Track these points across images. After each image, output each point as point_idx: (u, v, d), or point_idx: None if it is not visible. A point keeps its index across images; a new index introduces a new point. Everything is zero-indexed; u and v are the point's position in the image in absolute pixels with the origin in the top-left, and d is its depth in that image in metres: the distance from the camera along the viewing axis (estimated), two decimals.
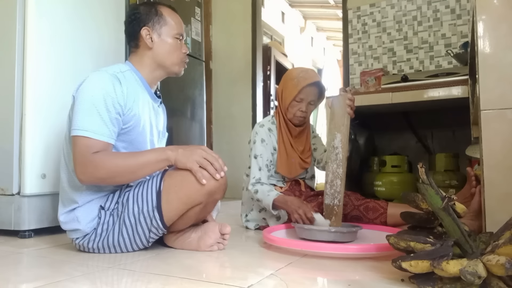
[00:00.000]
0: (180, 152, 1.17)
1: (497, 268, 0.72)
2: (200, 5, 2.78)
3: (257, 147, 1.73)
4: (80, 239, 1.23)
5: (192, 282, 0.92)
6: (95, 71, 1.24)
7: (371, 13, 2.88)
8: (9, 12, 1.59)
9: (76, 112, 1.17)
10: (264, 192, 1.62)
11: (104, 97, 1.17)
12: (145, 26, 1.32)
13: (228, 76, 3.81)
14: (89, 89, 1.18)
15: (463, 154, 1.92)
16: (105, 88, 1.18)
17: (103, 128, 1.16)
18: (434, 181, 0.96)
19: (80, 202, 1.22)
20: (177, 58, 1.36)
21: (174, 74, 1.39)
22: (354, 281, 0.94)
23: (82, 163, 1.14)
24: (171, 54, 1.34)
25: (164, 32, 1.33)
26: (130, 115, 1.24)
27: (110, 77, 1.21)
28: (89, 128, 1.14)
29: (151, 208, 1.17)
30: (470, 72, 1.78)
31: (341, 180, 1.48)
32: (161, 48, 1.33)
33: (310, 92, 1.72)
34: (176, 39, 1.35)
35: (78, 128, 1.15)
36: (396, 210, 1.54)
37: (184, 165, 1.16)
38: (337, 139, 1.50)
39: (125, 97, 1.22)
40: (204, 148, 1.19)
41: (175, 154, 1.17)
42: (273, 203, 1.57)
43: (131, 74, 1.31)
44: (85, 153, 1.13)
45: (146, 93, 1.34)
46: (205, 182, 1.14)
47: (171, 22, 1.35)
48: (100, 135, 1.15)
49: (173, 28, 1.35)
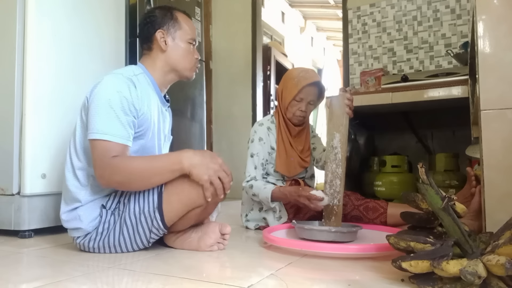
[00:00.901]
0: (196, 163, 1.14)
1: (497, 268, 0.72)
2: (200, 5, 2.78)
3: (254, 145, 1.73)
4: (81, 238, 1.23)
5: (192, 282, 0.92)
6: (109, 74, 1.24)
7: (371, 13, 2.88)
8: (9, 12, 1.59)
9: (93, 115, 1.16)
10: (259, 186, 1.64)
11: (121, 100, 1.17)
12: (160, 29, 1.33)
13: (228, 76, 3.81)
14: (105, 92, 1.18)
15: (463, 154, 1.92)
16: (122, 91, 1.18)
17: (121, 130, 1.16)
18: (434, 181, 0.96)
19: (83, 201, 1.22)
20: (189, 62, 1.38)
21: (185, 78, 1.41)
22: (354, 281, 0.94)
23: (101, 167, 1.14)
24: (184, 58, 1.36)
25: (178, 36, 1.35)
26: (144, 119, 1.25)
27: (126, 80, 1.22)
28: (108, 131, 1.14)
29: (152, 209, 1.17)
30: (470, 72, 1.78)
31: (340, 180, 1.48)
32: (174, 52, 1.34)
33: (310, 92, 1.72)
34: (189, 44, 1.37)
35: (96, 131, 1.15)
36: (396, 210, 1.54)
37: (198, 179, 1.13)
38: (336, 139, 1.50)
39: (140, 100, 1.23)
40: (221, 163, 1.17)
41: (190, 166, 1.13)
42: (272, 195, 1.59)
43: (144, 77, 1.31)
44: (103, 157, 1.13)
45: (156, 97, 1.35)
46: (210, 200, 1.15)
47: (186, 27, 1.37)
48: (119, 137, 1.15)
49: (187, 33, 1.37)
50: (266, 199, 1.61)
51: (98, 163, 1.15)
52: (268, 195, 1.60)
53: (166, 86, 1.40)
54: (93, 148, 1.16)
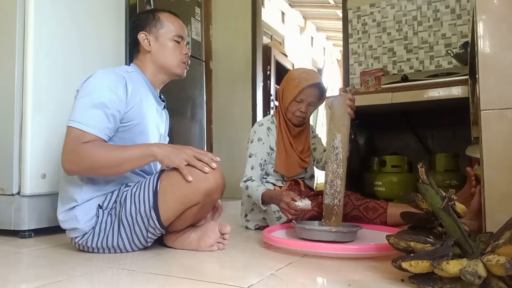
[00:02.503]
0: (167, 149, 1.17)
1: (497, 268, 0.72)
2: (200, 5, 2.78)
3: (253, 146, 1.73)
4: (80, 238, 1.23)
5: (192, 282, 0.92)
6: (101, 68, 1.25)
7: (371, 13, 2.87)
8: (9, 12, 1.59)
9: (76, 104, 1.18)
10: (253, 187, 1.64)
11: (104, 93, 1.18)
12: (143, 31, 1.36)
13: (228, 76, 3.81)
14: (91, 83, 1.19)
15: (463, 154, 1.92)
16: (108, 84, 1.19)
17: (98, 122, 1.17)
18: (434, 181, 0.96)
19: (79, 201, 1.22)
20: (175, 59, 1.38)
21: (176, 76, 1.41)
22: (354, 281, 0.94)
23: (69, 151, 1.14)
24: (169, 56, 1.37)
25: (162, 35, 1.36)
26: (133, 113, 1.25)
27: (116, 74, 1.23)
28: (83, 121, 1.15)
29: (148, 208, 1.17)
30: (470, 72, 1.78)
31: (341, 180, 1.48)
32: (159, 51, 1.36)
33: (311, 93, 1.72)
34: (175, 42, 1.37)
35: (73, 119, 1.16)
36: (396, 210, 1.54)
37: (171, 162, 1.15)
38: (337, 139, 1.50)
39: (129, 95, 1.24)
40: (192, 148, 1.20)
41: (162, 151, 1.16)
42: (261, 198, 1.59)
43: (137, 75, 1.33)
44: (74, 142, 1.14)
45: (151, 95, 1.36)
46: (191, 179, 1.13)
47: (169, 24, 1.38)
48: (93, 128, 1.16)
49: (170, 30, 1.37)
50: (258, 201, 1.61)
51: (67, 147, 1.15)
52: (259, 197, 1.59)
53: (159, 86, 1.41)
54: (67, 134, 1.16)
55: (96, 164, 1.14)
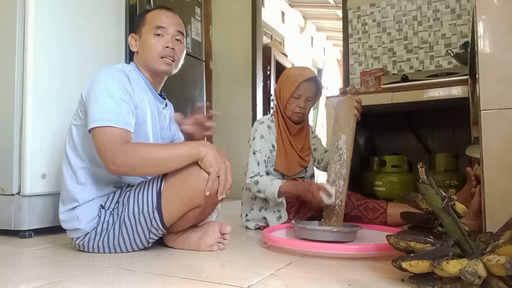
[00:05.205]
0: (214, 152, 1.13)
1: (497, 268, 0.72)
2: (200, 5, 2.78)
3: (256, 143, 1.73)
4: (81, 239, 1.23)
5: (192, 282, 0.92)
6: (102, 69, 1.24)
7: (371, 13, 2.87)
8: (9, 12, 1.58)
9: (93, 105, 1.15)
10: (265, 182, 1.62)
11: (119, 89, 1.18)
12: (132, 33, 1.37)
13: (228, 76, 3.81)
14: (103, 83, 1.17)
15: (463, 154, 1.92)
16: (118, 81, 1.19)
17: (123, 117, 1.15)
18: (434, 181, 0.96)
19: (81, 201, 1.21)
20: (153, 55, 1.30)
21: (160, 73, 1.34)
22: (354, 281, 0.94)
23: (112, 152, 1.10)
24: (148, 52, 1.31)
25: (144, 32, 1.33)
26: (136, 110, 1.25)
27: (120, 72, 1.23)
28: (110, 118, 1.12)
29: (151, 209, 1.17)
30: (470, 72, 1.78)
31: (344, 180, 1.48)
32: (141, 49, 1.34)
33: (308, 88, 1.72)
34: (154, 35, 1.31)
35: (98, 119, 1.12)
36: (396, 210, 1.54)
37: (209, 165, 1.12)
38: (341, 140, 1.51)
39: (133, 92, 1.24)
40: (229, 165, 1.16)
41: (207, 151, 1.12)
42: (279, 190, 1.57)
43: (135, 73, 1.32)
44: (114, 142, 1.10)
45: (150, 93, 1.35)
46: (208, 194, 1.13)
47: (149, 17, 1.33)
48: (122, 123, 1.14)
49: (150, 22, 1.32)
50: (273, 194, 1.59)
51: (109, 149, 1.10)
52: (275, 190, 1.58)
53: (156, 84, 1.39)
54: (98, 136, 1.12)
55: (142, 161, 1.10)
